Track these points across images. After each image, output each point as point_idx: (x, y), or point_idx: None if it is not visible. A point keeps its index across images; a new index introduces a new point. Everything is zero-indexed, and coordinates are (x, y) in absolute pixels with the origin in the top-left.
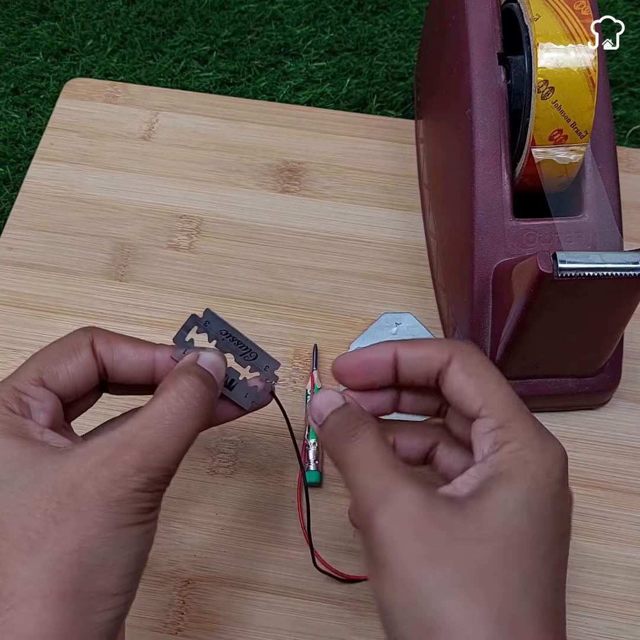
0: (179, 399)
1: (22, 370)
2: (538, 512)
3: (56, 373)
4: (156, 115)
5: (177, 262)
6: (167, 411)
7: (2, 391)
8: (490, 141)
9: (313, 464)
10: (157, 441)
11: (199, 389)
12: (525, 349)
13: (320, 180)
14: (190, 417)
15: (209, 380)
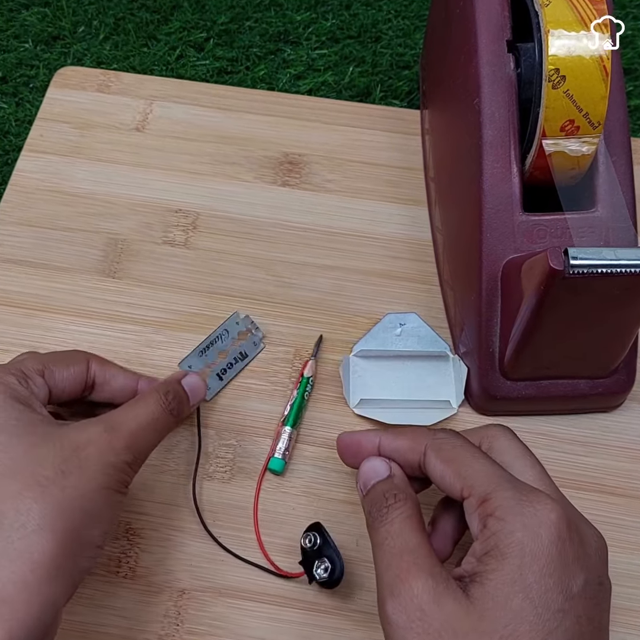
0: (159, 410)
1: (29, 360)
2: (534, 585)
3: (54, 372)
4: (150, 105)
5: (173, 259)
6: (148, 414)
7: (13, 369)
8: (499, 132)
9: (279, 452)
10: (139, 431)
11: (173, 407)
12: (535, 349)
13: (321, 173)
14: (164, 425)
15: (183, 399)
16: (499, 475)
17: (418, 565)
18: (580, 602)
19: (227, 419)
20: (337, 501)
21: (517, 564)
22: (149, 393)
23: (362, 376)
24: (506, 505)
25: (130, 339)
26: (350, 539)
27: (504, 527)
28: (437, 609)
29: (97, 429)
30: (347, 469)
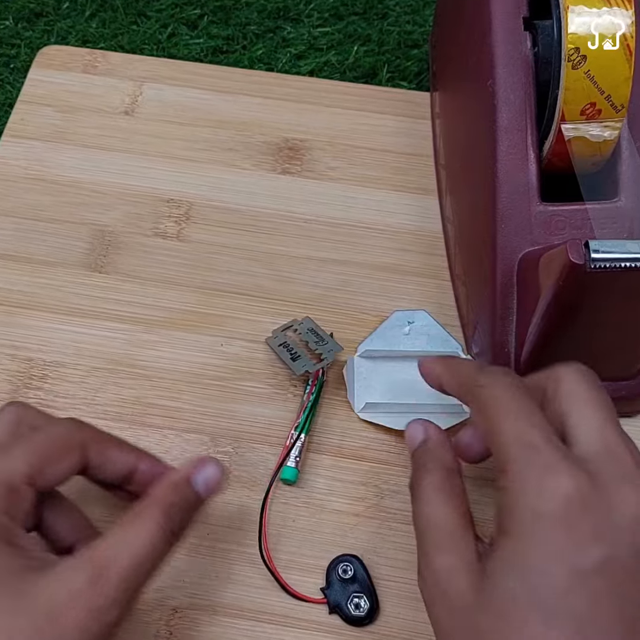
0: (159, 536)
1: (14, 462)
2: (533, 568)
3: (45, 473)
4: (140, 87)
5: (164, 252)
6: (146, 545)
7: (10, 467)
8: (514, 116)
9: (293, 460)
10: (132, 573)
11: (175, 526)
12: (554, 349)
13: (324, 160)
14: (164, 553)
15: (192, 507)
16: (525, 442)
17: (440, 542)
18: (597, 579)
19: (223, 424)
20: (341, 513)
21: (512, 547)
22: (147, 510)
23: (368, 378)
24: (516, 480)
25: (118, 338)
26: (355, 552)
27: (508, 504)
28: (451, 587)
29: (79, 580)
30: (352, 477)
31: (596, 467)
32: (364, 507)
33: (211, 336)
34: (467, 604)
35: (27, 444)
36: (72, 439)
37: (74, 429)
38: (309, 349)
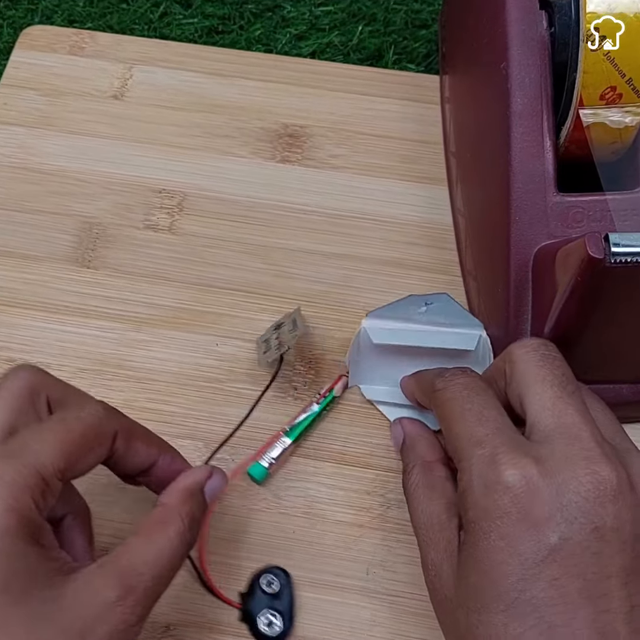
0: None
1: (48, 449)
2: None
3: (77, 463)
4: (130, 69)
5: (156, 246)
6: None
7: (30, 476)
8: (529, 100)
9: (267, 459)
10: (157, 585)
11: (193, 534)
12: (571, 349)
13: (326, 147)
14: (181, 562)
15: (201, 514)
16: (472, 441)
17: (427, 539)
18: (552, 564)
19: (218, 430)
20: (344, 524)
21: (472, 542)
22: (170, 519)
23: (371, 357)
24: (466, 479)
25: (107, 337)
26: (359, 567)
27: (463, 502)
28: (440, 583)
29: (110, 594)
30: (356, 486)
31: (550, 448)
32: (368, 518)
33: (205, 335)
34: (449, 599)
35: (61, 430)
36: (106, 428)
37: (107, 416)
38: (281, 339)
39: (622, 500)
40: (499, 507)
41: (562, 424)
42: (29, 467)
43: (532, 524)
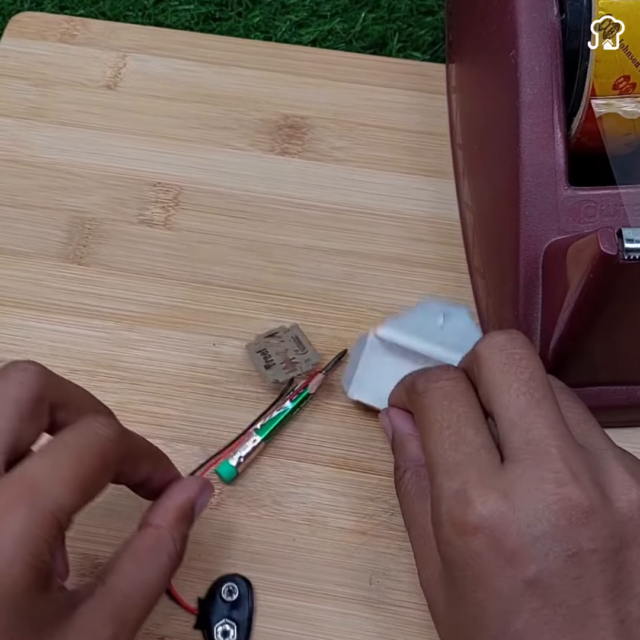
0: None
1: (64, 491)
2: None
3: (88, 499)
4: (124, 58)
5: (150, 242)
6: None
7: (45, 524)
8: (539, 90)
9: (236, 458)
10: (145, 616)
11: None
12: (583, 349)
13: (327, 139)
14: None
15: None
16: (443, 467)
17: (415, 541)
18: (531, 598)
19: (215, 433)
20: (346, 531)
21: (449, 577)
22: (161, 543)
23: (373, 368)
24: (437, 506)
25: (99, 337)
26: (362, 575)
27: (434, 529)
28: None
29: (105, 633)
30: (359, 491)
31: (519, 472)
32: (371, 525)
33: (202, 335)
34: (441, 620)
35: (75, 463)
36: (118, 455)
37: (119, 437)
38: (287, 358)
39: (596, 519)
40: (469, 548)
41: (531, 440)
42: (46, 514)
43: (506, 561)
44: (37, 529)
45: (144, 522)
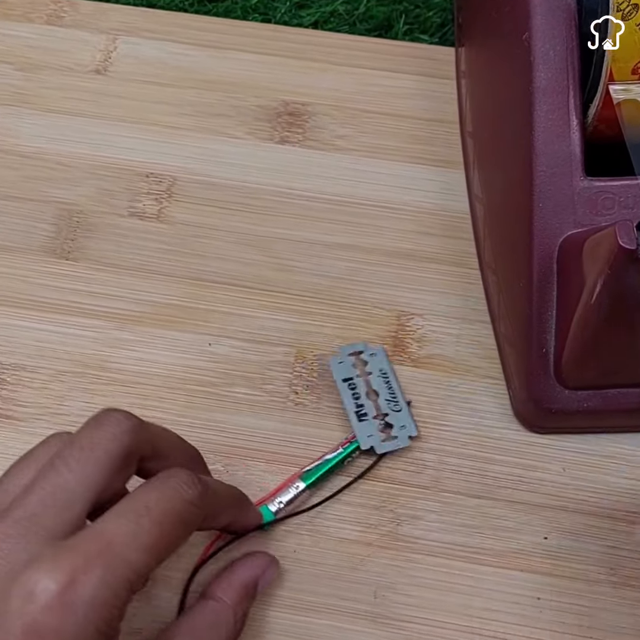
0: None
1: (143, 560)
2: None
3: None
4: (114, 41)
5: (142, 236)
6: None
7: (121, 595)
8: (554, 75)
9: (276, 503)
10: None
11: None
12: (601, 348)
13: (330, 127)
14: None
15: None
16: None
17: None
18: None
19: (211, 438)
20: (349, 541)
21: None
22: (224, 620)
23: None
24: None
25: (88, 336)
26: (366, 589)
27: None
28: None
29: None
30: (363, 500)
31: None
32: (377, 535)
33: (197, 334)
34: None
35: (156, 532)
36: (199, 516)
37: (203, 499)
38: (378, 407)
39: None
40: None
41: None
42: (120, 579)
43: None
44: (110, 594)
45: (207, 594)
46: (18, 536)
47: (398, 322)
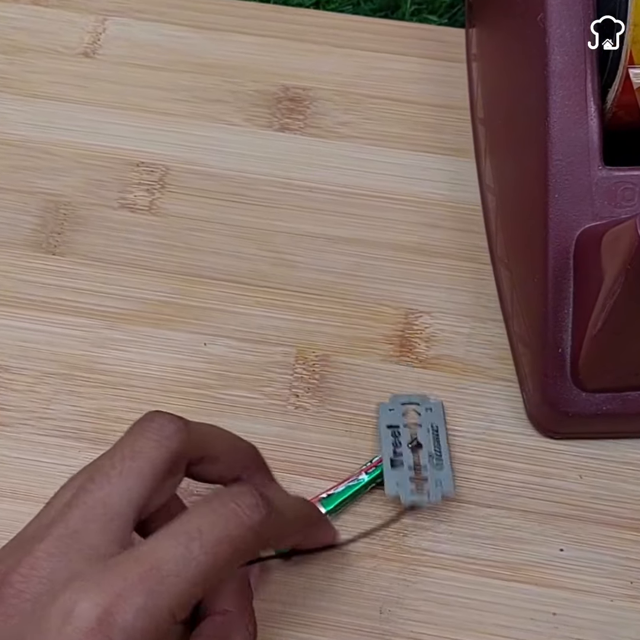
0: None
1: (188, 590)
2: None
3: None
4: (103, 22)
5: (133, 229)
6: None
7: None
8: (570, 59)
9: None
10: None
11: None
12: (621, 349)
13: (333, 113)
14: None
15: None
16: None
17: None
18: None
19: None
20: (353, 554)
21: None
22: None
23: None
24: None
25: (75, 336)
26: (371, 604)
27: None
28: None
29: None
30: (366, 508)
31: None
32: (382, 547)
33: (191, 334)
34: None
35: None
36: (259, 544)
37: (265, 523)
38: (417, 459)
39: None
40: None
41: None
42: (162, 610)
43: None
44: (150, 624)
45: (208, 610)
46: (60, 554)
47: (405, 320)
